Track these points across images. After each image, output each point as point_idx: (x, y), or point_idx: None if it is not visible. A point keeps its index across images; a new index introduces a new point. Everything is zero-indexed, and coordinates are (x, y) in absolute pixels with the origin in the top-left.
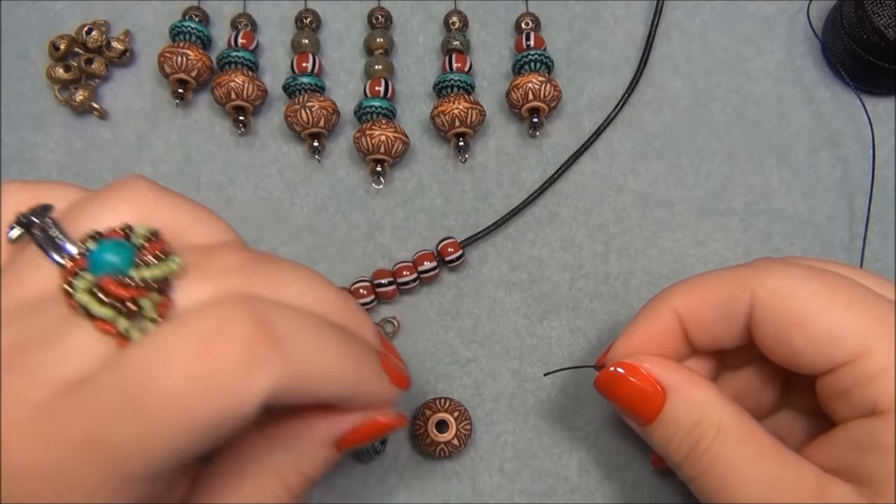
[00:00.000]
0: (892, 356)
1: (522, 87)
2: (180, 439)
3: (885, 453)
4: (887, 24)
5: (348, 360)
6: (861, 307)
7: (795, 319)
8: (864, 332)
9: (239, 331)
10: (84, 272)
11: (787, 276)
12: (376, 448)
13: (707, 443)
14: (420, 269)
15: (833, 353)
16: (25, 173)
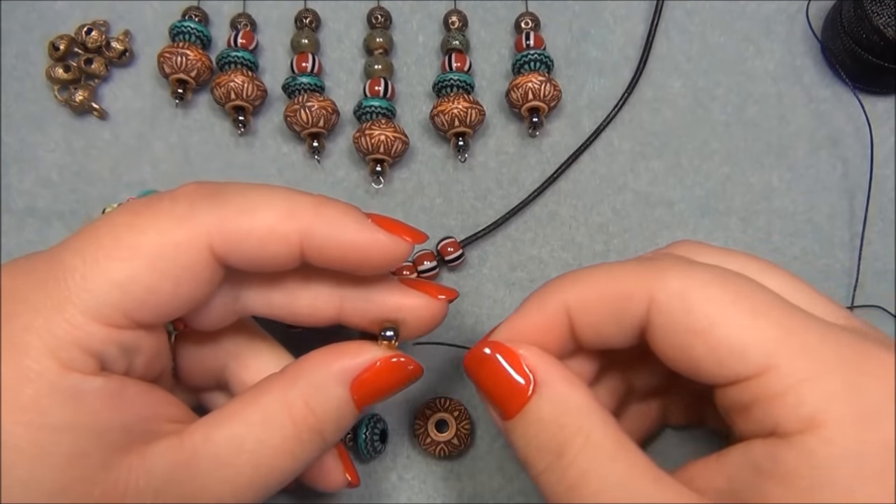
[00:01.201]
0: (800, 373)
1: (522, 87)
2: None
3: (786, 482)
4: (887, 23)
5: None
6: (769, 316)
7: (696, 326)
8: (769, 345)
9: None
10: None
11: (689, 277)
12: (376, 448)
13: (574, 453)
14: (420, 268)
15: (735, 365)
16: (25, 173)
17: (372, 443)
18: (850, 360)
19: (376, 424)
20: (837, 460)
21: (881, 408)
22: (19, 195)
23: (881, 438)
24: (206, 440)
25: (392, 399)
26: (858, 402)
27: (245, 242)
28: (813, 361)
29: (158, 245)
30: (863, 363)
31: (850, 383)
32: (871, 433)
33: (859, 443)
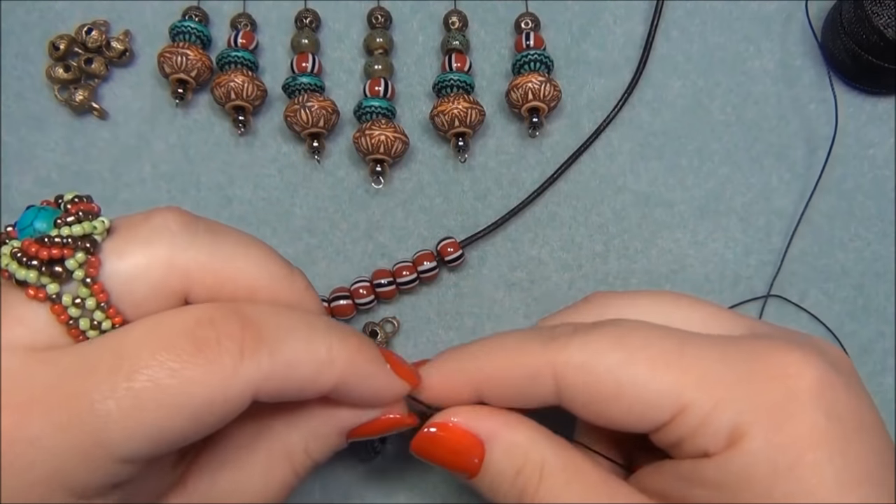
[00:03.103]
0: (708, 403)
1: (522, 87)
2: (165, 425)
3: (713, 489)
4: (886, 23)
5: (340, 352)
6: (668, 362)
7: (607, 394)
8: (675, 389)
9: (229, 329)
10: (12, 241)
11: (588, 350)
12: (376, 448)
13: (534, 489)
14: (420, 268)
15: (652, 416)
16: (25, 173)
17: (371, 442)
18: (749, 372)
19: None
20: (753, 467)
21: (784, 410)
22: (19, 195)
23: (787, 436)
24: (211, 486)
25: None
26: (765, 411)
27: (287, 391)
28: (716, 388)
29: (205, 402)
30: (760, 370)
31: (756, 395)
32: (777, 434)
33: (769, 446)
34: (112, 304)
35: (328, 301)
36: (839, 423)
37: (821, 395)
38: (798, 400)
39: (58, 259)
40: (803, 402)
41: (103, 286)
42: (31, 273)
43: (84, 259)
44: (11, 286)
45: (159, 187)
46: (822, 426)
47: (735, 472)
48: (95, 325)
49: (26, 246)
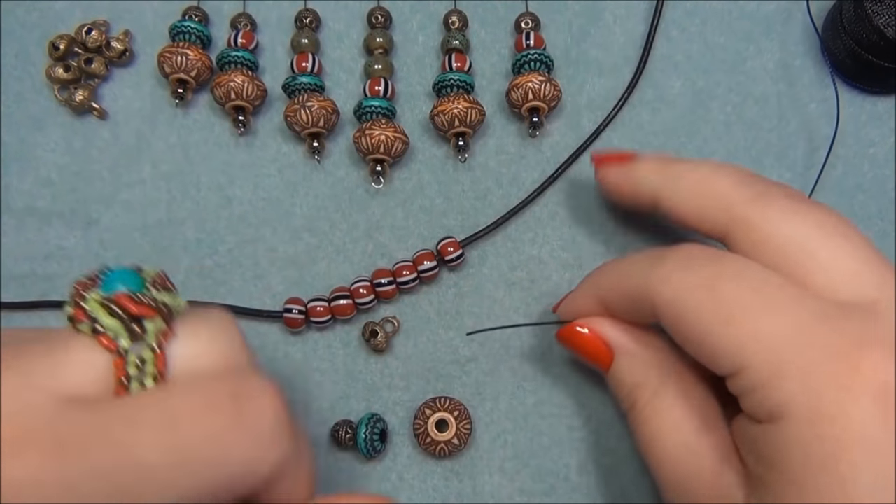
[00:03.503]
0: (764, 375)
1: (522, 87)
2: (200, 483)
3: (760, 458)
4: (887, 23)
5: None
6: (740, 322)
7: (684, 333)
8: (738, 350)
9: (273, 404)
10: (95, 290)
11: (679, 288)
12: (376, 447)
13: (643, 405)
14: (420, 268)
15: (716, 367)
16: (25, 173)
17: (371, 442)
18: (819, 356)
19: (376, 424)
20: (791, 450)
21: (836, 403)
22: (19, 195)
23: (830, 429)
24: None
25: (392, 399)
26: (815, 400)
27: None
28: (777, 361)
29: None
30: (833, 357)
31: (812, 379)
32: (821, 427)
33: (810, 438)
34: (165, 376)
35: (328, 301)
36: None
37: (881, 398)
38: (854, 396)
39: (139, 319)
40: (859, 399)
41: (166, 357)
42: (114, 324)
43: (161, 327)
44: (72, 330)
45: (159, 187)
46: (870, 427)
47: (772, 447)
48: (142, 387)
49: (120, 298)
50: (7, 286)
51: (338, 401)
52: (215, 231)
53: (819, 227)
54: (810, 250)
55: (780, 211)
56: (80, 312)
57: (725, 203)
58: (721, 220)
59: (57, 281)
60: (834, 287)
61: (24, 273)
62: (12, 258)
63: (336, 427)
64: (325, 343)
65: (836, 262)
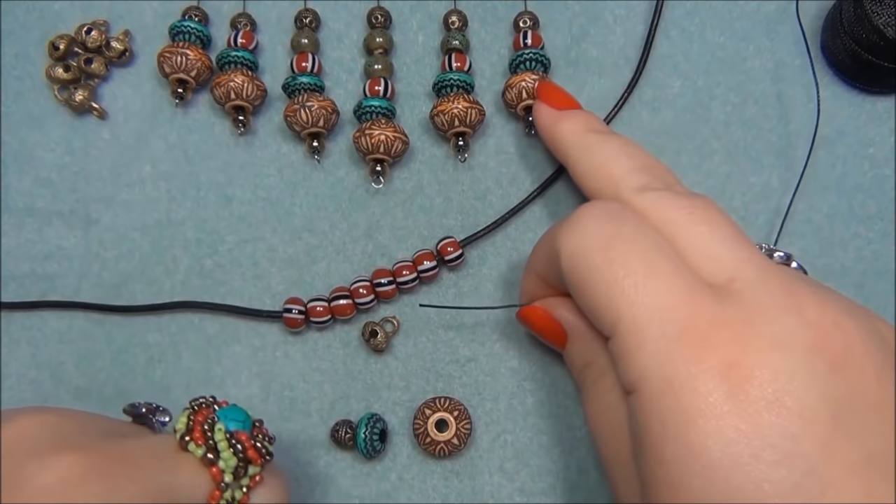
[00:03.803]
0: (628, 346)
1: (516, 87)
2: None
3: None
4: (886, 22)
5: None
6: (622, 287)
7: (578, 295)
8: (614, 316)
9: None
10: (219, 422)
11: (579, 241)
12: (376, 447)
13: (589, 385)
14: (420, 268)
15: (597, 324)
16: (25, 173)
17: (371, 442)
18: (676, 336)
19: (375, 424)
20: (648, 420)
21: (687, 378)
22: (19, 195)
23: (680, 406)
24: None
25: (392, 399)
26: (666, 375)
27: None
28: (642, 334)
29: None
30: (682, 341)
31: (662, 360)
32: (672, 401)
33: (663, 408)
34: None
35: (328, 301)
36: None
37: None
38: (702, 373)
39: (247, 461)
40: (706, 376)
41: (249, 499)
42: (233, 461)
43: (257, 472)
44: (180, 447)
45: (159, 187)
46: (716, 401)
47: (635, 420)
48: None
49: (244, 438)
50: (7, 286)
51: (338, 401)
52: (215, 231)
53: (687, 215)
54: (676, 235)
55: (657, 199)
56: (200, 436)
57: (615, 188)
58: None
59: (57, 281)
60: (696, 265)
61: (24, 273)
62: (12, 258)
63: (336, 427)
64: (325, 343)
65: (699, 244)
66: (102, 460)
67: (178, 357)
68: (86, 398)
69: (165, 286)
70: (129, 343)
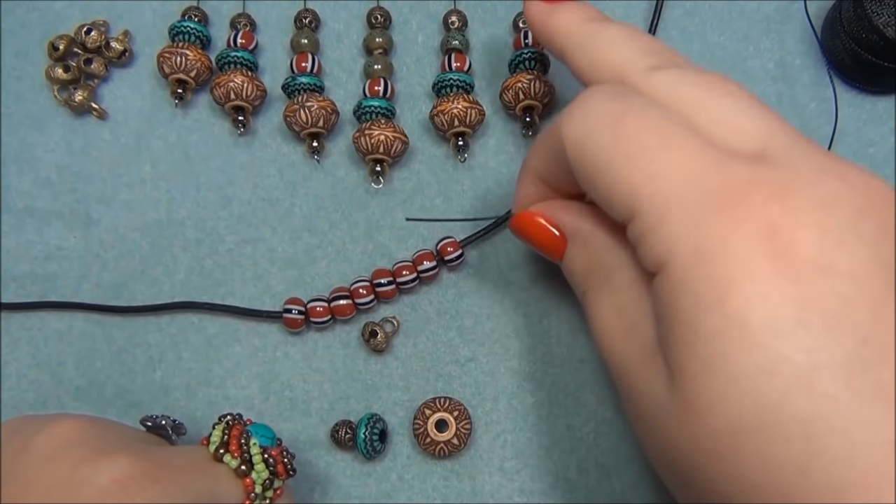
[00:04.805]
0: (652, 220)
1: (513, 88)
2: None
3: (657, 319)
4: (886, 22)
5: None
6: (638, 161)
7: (587, 177)
8: (632, 193)
9: None
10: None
11: (583, 128)
12: (376, 447)
13: (591, 293)
14: (420, 268)
15: (616, 212)
16: (24, 173)
17: (371, 442)
18: (703, 199)
19: (375, 424)
20: (679, 296)
21: (720, 244)
22: (19, 195)
23: (716, 274)
24: None
25: (392, 399)
26: (697, 241)
27: None
28: (662, 207)
29: None
30: (717, 200)
31: (694, 225)
32: (706, 270)
33: (696, 279)
34: None
35: (328, 301)
36: (789, 261)
37: (769, 236)
38: (738, 235)
39: (274, 475)
40: (746, 237)
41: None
42: (265, 473)
43: (280, 486)
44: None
45: (159, 187)
46: (757, 264)
47: (663, 302)
48: None
49: (276, 454)
50: (7, 286)
51: (337, 401)
52: (215, 231)
53: (707, 90)
54: (698, 109)
55: (670, 78)
56: (236, 448)
57: (620, 73)
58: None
59: (57, 281)
60: (722, 139)
61: (24, 273)
62: (12, 258)
63: (336, 427)
64: (324, 343)
65: (723, 117)
66: (151, 464)
67: (178, 357)
68: (86, 398)
69: (165, 286)
70: (129, 343)
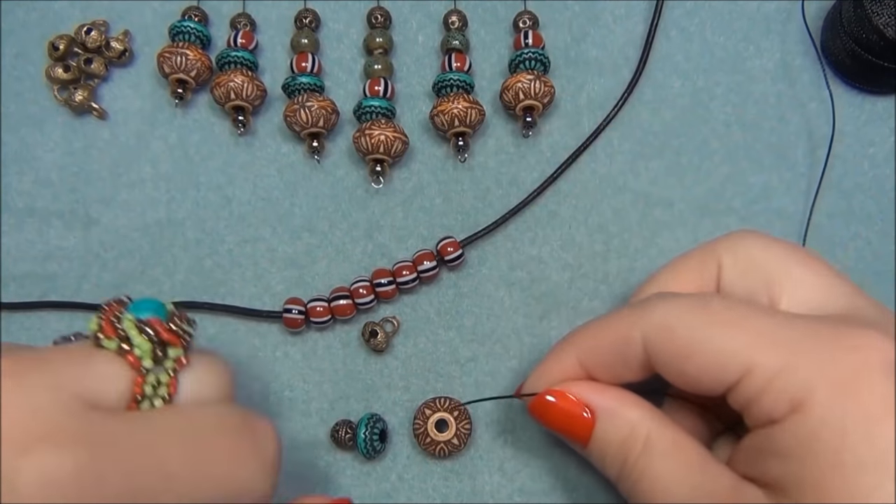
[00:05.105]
0: (776, 366)
1: (513, 88)
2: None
3: (783, 458)
4: (886, 22)
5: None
6: (740, 326)
7: (683, 352)
8: (744, 350)
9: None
10: (128, 313)
11: (669, 312)
12: (376, 447)
13: (634, 457)
14: (420, 268)
15: (722, 376)
16: (25, 173)
17: (371, 442)
18: (824, 344)
19: (375, 424)
20: (823, 431)
21: (855, 379)
22: (19, 195)
23: (859, 403)
24: None
25: (392, 399)
26: (833, 378)
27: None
28: (786, 353)
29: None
30: (832, 342)
31: (825, 364)
32: (848, 403)
33: (840, 413)
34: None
35: (328, 301)
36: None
37: (889, 370)
38: (869, 371)
39: (164, 344)
40: (874, 373)
41: (177, 382)
42: (146, 346)
43: (180, 354)
44: (93, 345)
45: (159, 187)
46: (888, 395)
47: (801, 437)
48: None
49: (154, 323)
50: (7, 286)
51: (337, 401)
52: (215, 231)
53: (790, 255)
54: (786, 271)
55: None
56: (109, 329)
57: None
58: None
59: (57, 281)
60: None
61: (24, 273)
62: (12, 258)
63: (336, 427)
64: (324, 343)
65: (808, 279)
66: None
67: None
68: None
69: (165, 286)
70: None
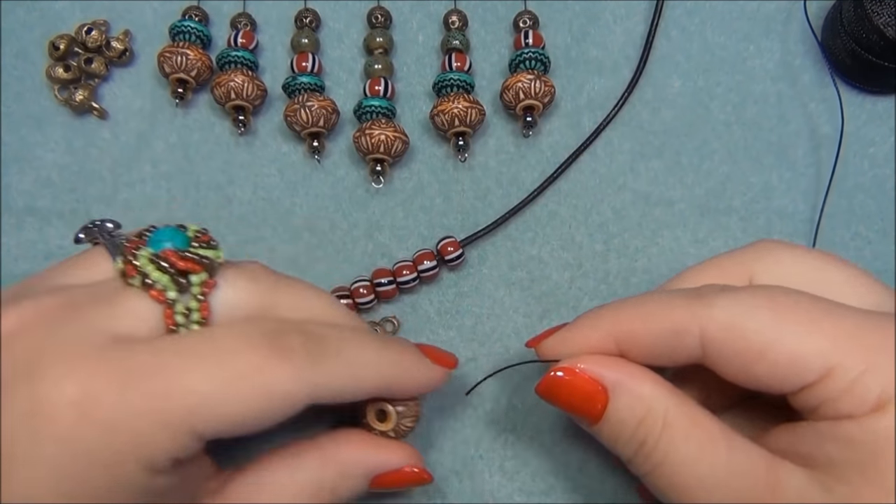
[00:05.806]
0: (860, 366)
1: (513, 88)
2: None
3: (852, 446)
4: (886, 22)
5: (387, 355)
6: (820, 324)
7: (753, 352)
8: (824, 351)
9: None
10: (145, 248)
11: (735, 307)
12: None
13: (654, 440)
14: (420, 268)
15: (798, 376)
16: (25, 173)
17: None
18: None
19: None
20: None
21: None
22: (19, 195)
23: None
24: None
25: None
26: None
27: (342, 393)
28: (867, 353)
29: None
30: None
31: None
32: None
33: None
34: (209, 322)
35: None
36: None
37: None
38: None
39: (185, 273)
40: None
41: (210, 305)
42: (164, 278)
43: (205, 278)
44: (123, 284)
45: (159, 187)
46: None
47: (881, 432)
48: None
49: (168, 255)
50: (7, 286)
51: None
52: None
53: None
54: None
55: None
56: (131, 268)
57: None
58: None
59: None
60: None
61: (24, 273)
62: (12, 258)
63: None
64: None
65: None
66: (40, 307)
67: None
68: None
69: None
70: None
